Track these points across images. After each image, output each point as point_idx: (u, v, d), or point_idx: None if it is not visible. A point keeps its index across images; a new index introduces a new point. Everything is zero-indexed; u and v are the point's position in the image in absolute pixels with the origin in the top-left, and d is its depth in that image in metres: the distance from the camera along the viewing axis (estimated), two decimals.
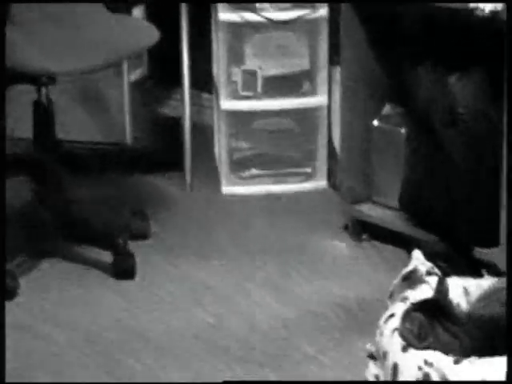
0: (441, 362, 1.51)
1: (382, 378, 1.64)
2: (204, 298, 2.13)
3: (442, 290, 1.65)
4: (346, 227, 2.42)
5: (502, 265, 1.99)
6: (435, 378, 1.50)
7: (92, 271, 2.20)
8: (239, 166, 2.66)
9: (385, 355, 1.62)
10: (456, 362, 1.51)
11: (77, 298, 2.11)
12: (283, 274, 2.23)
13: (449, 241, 2.14)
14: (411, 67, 2.21)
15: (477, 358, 1.51)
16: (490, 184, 2.09)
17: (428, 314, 1.58)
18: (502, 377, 1.45)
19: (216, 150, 2.81)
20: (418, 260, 1.83)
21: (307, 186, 2.66)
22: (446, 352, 1.54)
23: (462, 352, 1.54)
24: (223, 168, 2.67)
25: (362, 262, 2.27)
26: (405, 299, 1.74)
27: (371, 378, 1.68)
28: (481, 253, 2.10)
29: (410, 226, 2.25)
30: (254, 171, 2.67)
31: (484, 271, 1.98)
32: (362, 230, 2.38)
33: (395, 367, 1.58)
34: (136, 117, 2.79)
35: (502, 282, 1.72)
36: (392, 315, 1.69)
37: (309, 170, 2.68)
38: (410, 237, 2.23)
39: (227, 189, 2.66)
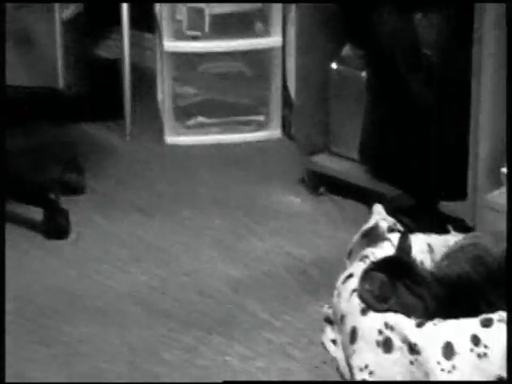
0: (403, 325, 1.52)
1: (339, 343, 1.65)
2: (146, 258, 2.13)
3: (404, 247, 1.65)
4: (302, 180, 2.42)
5: (469, 219, 2.04)
6: (397, 342, 1.51)
7: (21, 230, 2.19)
8: (184, 113, 2.64)
9: (342, 319, 1.63)
10: (419, 325, 1.52)
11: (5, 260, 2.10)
12: (233, 231, 2.24)
13: (413, 194, 2.15)
14: (372, 5, 2.19)
15: (441, 319, 1.53)
16: (458, 132, 2.09)
17: (389, 274, 1.58)
18: (468, 339, 1.47)
19: (159, 95, 2.78)
20: (380, 215, 1.84)
21: (259, 135, 2.66)
22: (409, 314, 1.54)
23: (425, 314, 1.55)
24: (167, 116, 2.65)
25: (319, 218, 2.28)
26: (364, 258, 1.74)
27: (328, 344, 1.69)
28: (447, 207, 2.11)
29: (371, 179, 2.26)
30: (201, 119, 2.65)
31: (450, 227, 1.99)
32: (320, 183, 2.38)
33: (354, 331, 1.58)
34: (69, 59, 2.73)
35: (468, 238, 1.75)
36: (350, 275, 1.69)
37: (261, 117, 2.67)
38: (371, 190, 2.24)
39: (171, 139, 2.64)
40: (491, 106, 2.00)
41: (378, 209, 1.86)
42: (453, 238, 1.80)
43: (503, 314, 1.49)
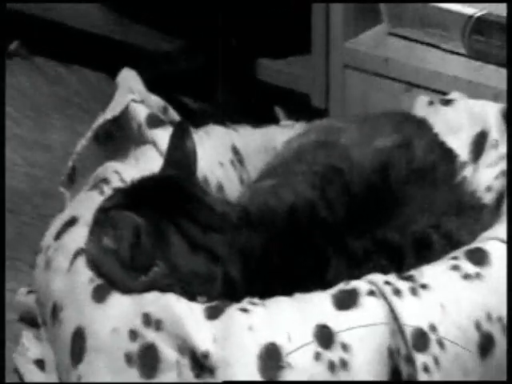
0: (179, 317, 1.57)
1: (51, 365, 1.71)
2: None
3: (180, 155, 1.75)
4: None
5: (317, 94, 2.15)
6: (169, 352, 1.56)
7: None
8: None
9: (56, 313, 1.70)
10: (213, 314, 1.57)
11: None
12: None
13: (202, 48, 2.26)
14: None
15: (257, 298, 1.59)
16: None
17: (151, 213, 1.65)
18: (309, 335, 1.52)
19: None
20: (133, 93, 1.92)
21: None
22: (194, 292, 1.62)
23: (225, 288, 1.64)
24: None
25: (11, 108, 2.36)
26: (101, 183, 1.87)
27: (26, 368, 1.76)
28: (273, 72, 2.21)
29: (120, 20, 2.38)
30: None
31: (279, 110, 2.07)
32: (10, 33, 2.48)
33: (79, 337, 1.63)
34: None
35: (314, 131, 1.84)
36: (72, 221, 1.79)
37: None
38: (120, 42, 2.35)
39: None
40: None
41: (130, 80, 1.93)
42: (284, 134, 1.90)
43: (379, 279, 1.53)
